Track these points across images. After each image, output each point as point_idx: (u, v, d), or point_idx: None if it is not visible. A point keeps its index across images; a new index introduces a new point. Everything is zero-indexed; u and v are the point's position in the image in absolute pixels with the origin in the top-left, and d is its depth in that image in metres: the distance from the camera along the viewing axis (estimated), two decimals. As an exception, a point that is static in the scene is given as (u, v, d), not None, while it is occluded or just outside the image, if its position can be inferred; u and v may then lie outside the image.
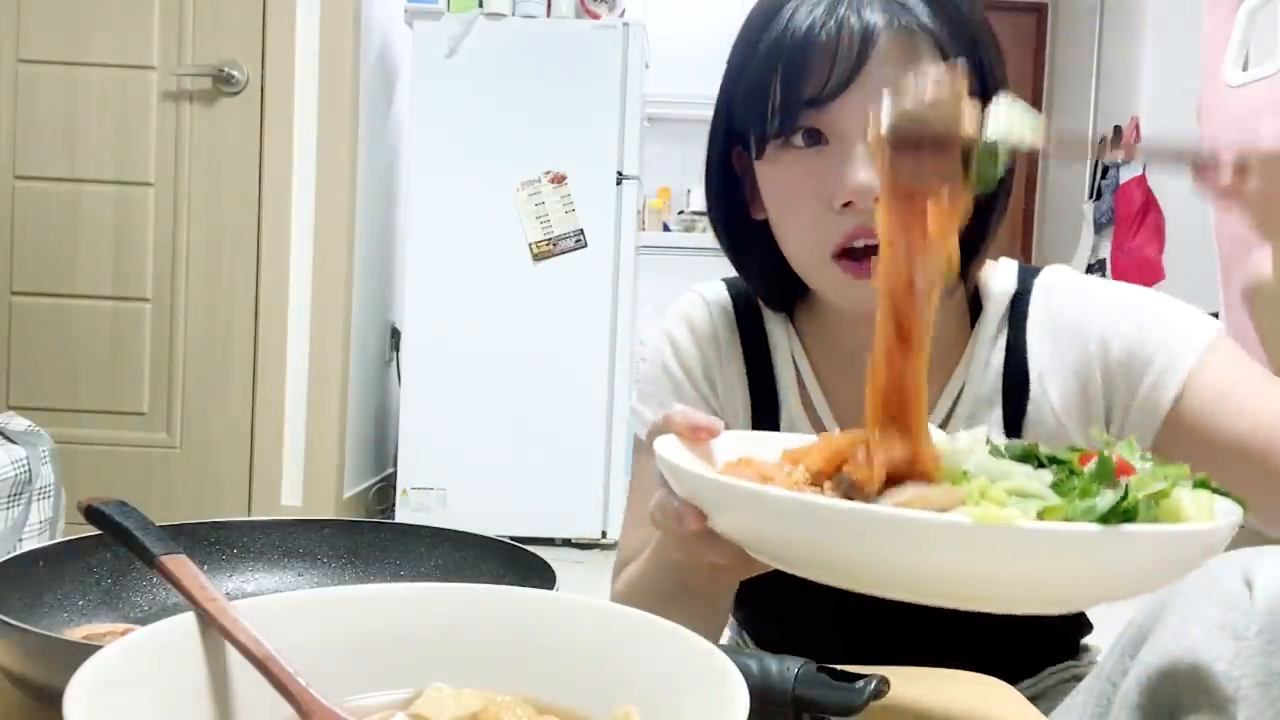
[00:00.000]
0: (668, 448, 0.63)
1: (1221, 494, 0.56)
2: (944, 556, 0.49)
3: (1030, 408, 0.88)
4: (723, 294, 0.99)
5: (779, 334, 0.96)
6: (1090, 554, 0.49)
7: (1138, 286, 0.93)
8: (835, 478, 0.59)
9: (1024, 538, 0.48)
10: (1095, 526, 0.48)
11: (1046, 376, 0.88)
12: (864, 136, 0.73)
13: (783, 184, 0.85)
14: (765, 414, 0.95)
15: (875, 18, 0.79)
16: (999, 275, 0.93)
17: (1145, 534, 0.49)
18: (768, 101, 0.82)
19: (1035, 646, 0.94)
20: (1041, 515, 0.50)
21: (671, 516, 0.64)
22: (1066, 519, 0.50)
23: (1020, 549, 0.48)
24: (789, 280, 0.90)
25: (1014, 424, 0.89)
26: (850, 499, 0.55)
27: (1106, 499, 0.49)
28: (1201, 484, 0.55)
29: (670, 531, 0.66)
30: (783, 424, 0.94)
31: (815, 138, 0.82)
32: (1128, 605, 0.74)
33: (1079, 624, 0.98)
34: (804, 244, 0.85)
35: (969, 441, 0.59)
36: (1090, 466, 0.55)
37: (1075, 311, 0.88)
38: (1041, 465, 0.57)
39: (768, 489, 0.54)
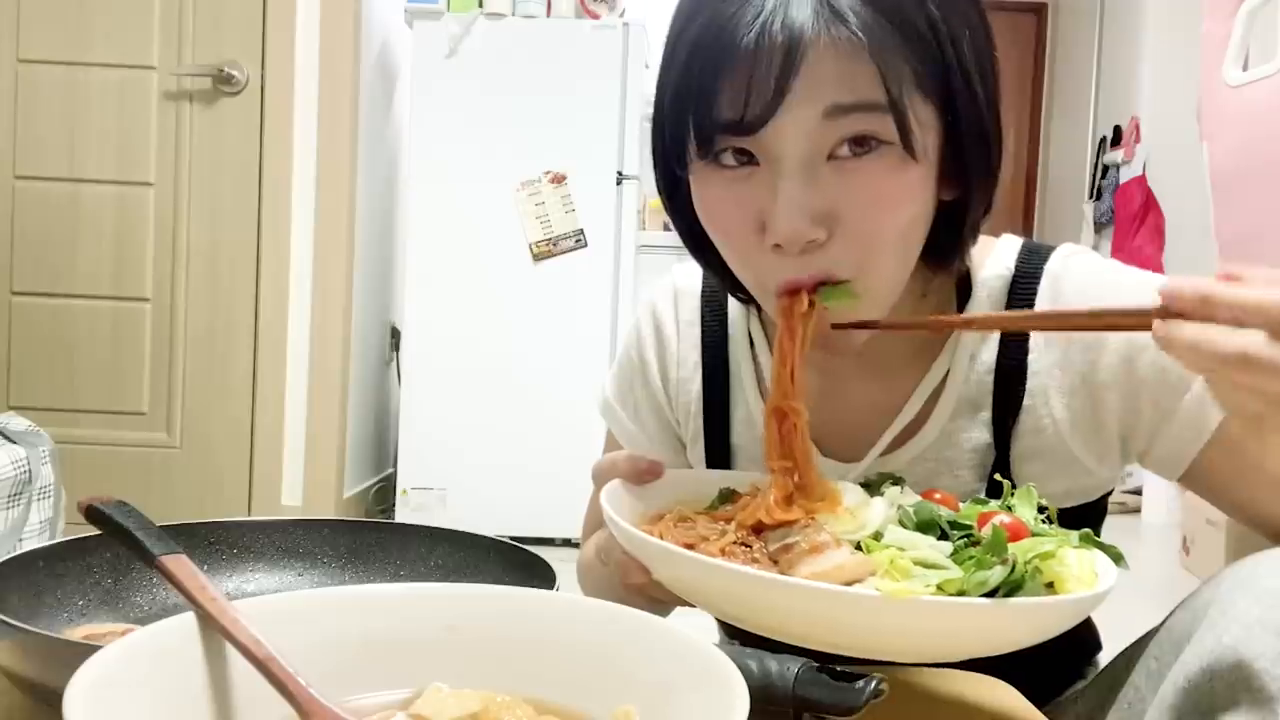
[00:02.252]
0: (612, 498, 0.69)
1: (1103, 548, 0.64)
2: (855, 623, 0.57)
3: (1025, 416, 0.81)
4: (695, 278, 0.96)
5: (739, 319, 0.93)
6: (980, 622, 0.57)
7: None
8: (766, 535, 0.66)
9: (923, 609, 0.56)
10: (984, 601, 0.57)
11: (1050, 386, 0.81)
12: (797, 162, 0.68)
13: (712, 208, 0.75)
14: (717, 401, 0.92)
15: (804, 18, 0.65)
16: (996, 255, 0.84)
17: (1026, 606, 0.57)
18: (687, 121, 0.70)
19: (1043, 673, 0.85)
20: (940, 587, 0.58)
21: (615, 566, 0.68)
22: (961, 592, 0.58)
23: (920, 619, 0.56)
24: None
25: (1004, 430, 0.82)
26: (776, 561, 0.63)
27: (996, 573, 0.58)
28: (1086, 539, 0.65)
29: (616, 576, 0.69)
30: (736, 410, 0.92)
31: (745, 155, 0.71)
32: (1137, 623, 0.74)
33: (1089, 647, 0.95)
34: (742, 272, 0.77)
35: (884, 508, 0.68)
36: (985, 532, 0.62)
37: None
38: (944, 535, 0.65)
39: (700, 557, 0.60)
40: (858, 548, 0.63)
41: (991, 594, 0.58)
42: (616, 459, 0.74)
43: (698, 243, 0.82)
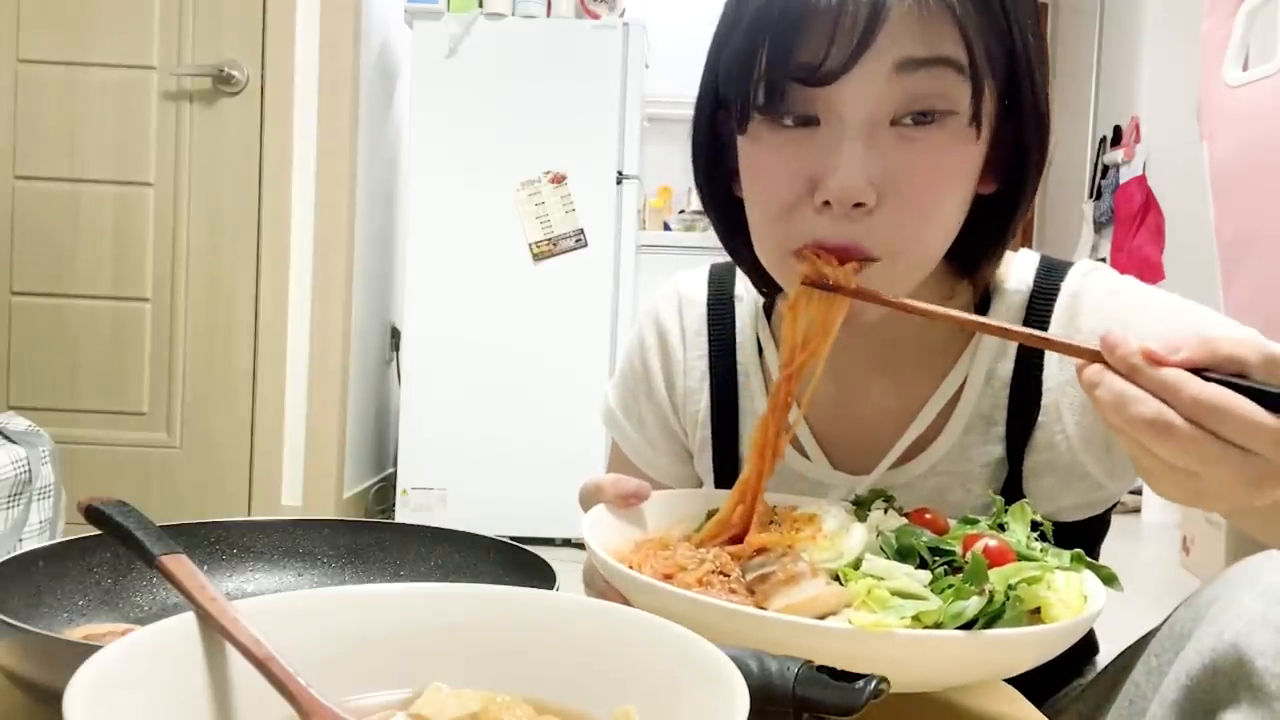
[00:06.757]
0: (595, 525, 0.70)
1: (1095, 569, 0.64)
2: (828, 655, 0.55)
3: (1038, 433, 0.81)
4: (699, 287, 0.95)
5: (747, 326, 0.92)
6: (954, 655, 0.57)
7: (1187, 302, 0.80)
8: (744, 564, 0.66)
9: (895, 643, 0.55)
10: (958, 634, 0.56)
11: (1064, 402, 0.81)
12: (861, 121, 0.69)
13: (762, 165, 0.74)
14: (726, 410, 0.92)
15: None
16: (1014, 270, 0.84)
17: (1000, 639, 0.56)
18: (753, 70, 0.70)
19: (1042, 674, 0.86)
20: (917, 618, 0.57)
21: (599, 593, 0.70)
22: (938, 623, 0.57)
23: (893, 652, 0.55)
24: None
25: (1018, 445, 0.82)
26: (753, 591, 0.63)
27: (973, 604, 0.57)
28: (1077, 560, 0.64)
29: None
30: (745, 419, 0.91)
31: (806, 117, 0.71)
32: (1137, 623, 0.74)
33: (1087, 646, 0.95)
34: (769, 232, 0.75)
35: (863, 534, 0.68)
36: (968, 558, 0.61)
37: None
38: (924, 563, 0.65)
39: (673, 589, 0.60)
40: (836, 577, 0.63)
41: (970, 625, 0.57)
42: (602, 483, 0.74)
43: (728, 223, 0.82)
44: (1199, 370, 0.55)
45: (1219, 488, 0.55)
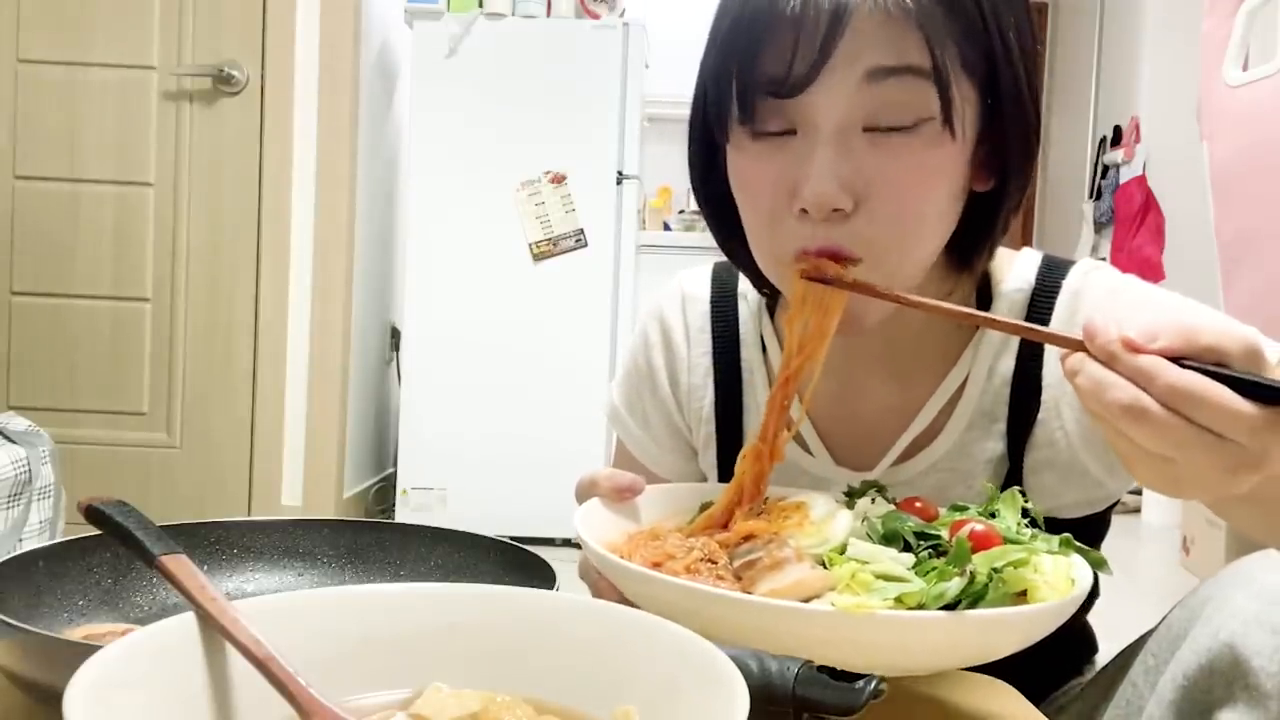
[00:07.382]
0: (588, 517, 0.71)
1: (1083, 553, 0.64)
2: (813, 638, 0.57)
3: (1038, 429, 0.82)
4: (703, 285, 0.96)
5: (750, 324, 0.93)
6: (935, 636, 0.57)
7: (1189, 301, 0.80)
8: (731, 551, 0.66)
9: (877, 624, 0.56)
10: (938, 614, 0.56)
11: (1063, 399, 0.81)
12: (833, 129, 0.69)
13: (746, 174, 0.75)
14: (730, 406, 0.92)
15: None
16: (1016, 268, 0.85)
17: (980, 619, 0.57)
18: (729, 83, 0.72)
19: (1040, 673, 0.85)
20: (900, 600, 0.58)
21: (591, 585, 0.71)
22: (921, 605, 0.57)
23: (875, 633, 0.56)
24: None
25: (1018, 441, 0.82)
26: (740, 577, 0.63)
27: (954, 585, 0.57)
28: (1066, 544, 0.64)
29: (593, 592, 0.72)
30: (749, 415, 0.92)
31: (783, 126, 0.72)
32: (1137, 623, 0.74)
33: (1086, 645, 0.95)
34: (762, 242, 0.77)
35: (849, 520, 0.68)
36: (954, 540, 0.62)
37: None
38: (908, 546, 0.65)
39: (660, 575, 0.61)
40: (822, 563, 0.63)
41: (953, 606, 0.57)
42: (597, 477, 0.75)
43: (724, 226, 0.83)
44: (1179, 358, 0.55)
45: (1194, 474, 0.55)
